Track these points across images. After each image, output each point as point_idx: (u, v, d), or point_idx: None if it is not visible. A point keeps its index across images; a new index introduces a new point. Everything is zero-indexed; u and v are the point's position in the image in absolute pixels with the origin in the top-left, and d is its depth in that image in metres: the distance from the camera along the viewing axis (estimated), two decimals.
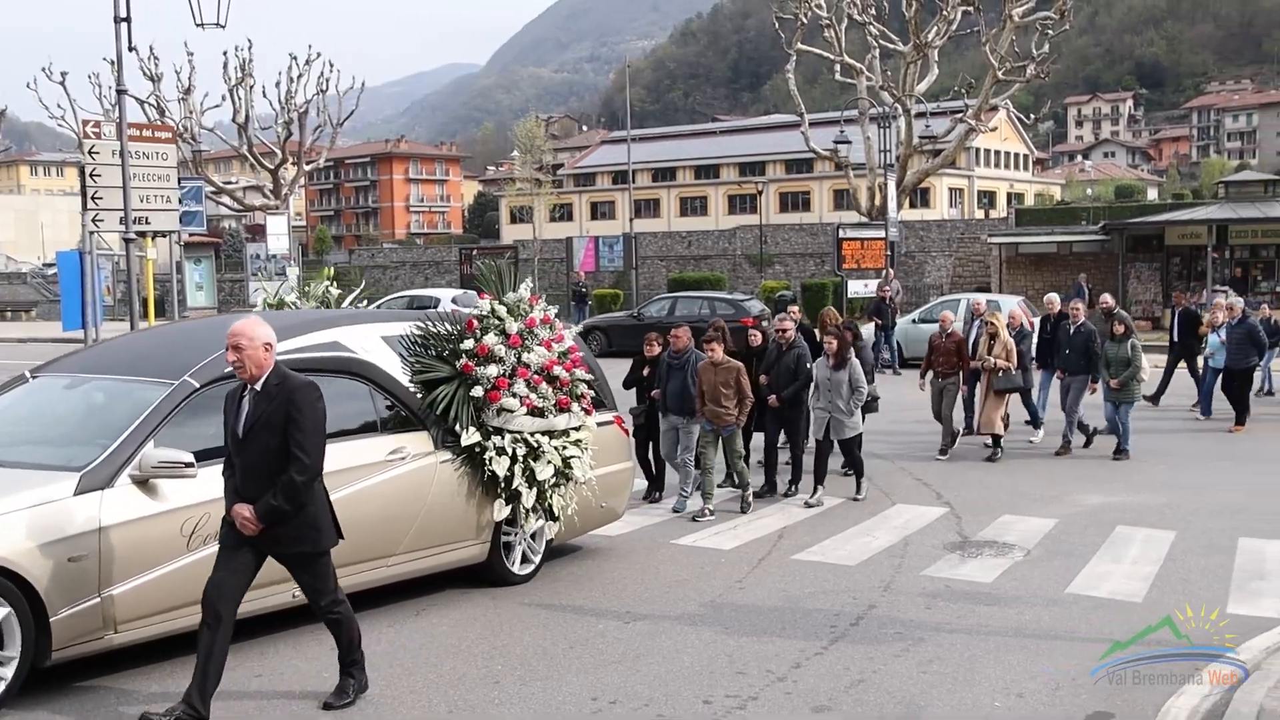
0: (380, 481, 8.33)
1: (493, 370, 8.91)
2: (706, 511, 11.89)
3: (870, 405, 13.96)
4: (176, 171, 19.96)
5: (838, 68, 37.38)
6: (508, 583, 9.35)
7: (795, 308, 17.40)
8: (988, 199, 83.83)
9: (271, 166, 47.65)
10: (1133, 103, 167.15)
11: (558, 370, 9.30)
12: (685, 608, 8.88)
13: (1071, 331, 16.15)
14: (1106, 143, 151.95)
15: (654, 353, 12.99)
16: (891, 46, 37.12)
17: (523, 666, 7.58)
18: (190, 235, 33.25)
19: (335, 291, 12.11)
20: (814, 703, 6.97)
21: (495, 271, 9.46)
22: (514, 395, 8.95)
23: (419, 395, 8.81)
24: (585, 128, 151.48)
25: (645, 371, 12.95)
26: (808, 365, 13.01)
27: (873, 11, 37.23)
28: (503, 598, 9.14)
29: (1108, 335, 15.80)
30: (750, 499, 12.44)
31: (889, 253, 31.09)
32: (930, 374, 15.89)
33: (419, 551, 8.71)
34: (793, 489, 13.18)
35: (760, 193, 62.17)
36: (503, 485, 8.93)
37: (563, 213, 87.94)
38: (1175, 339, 20.78)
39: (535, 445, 9.08)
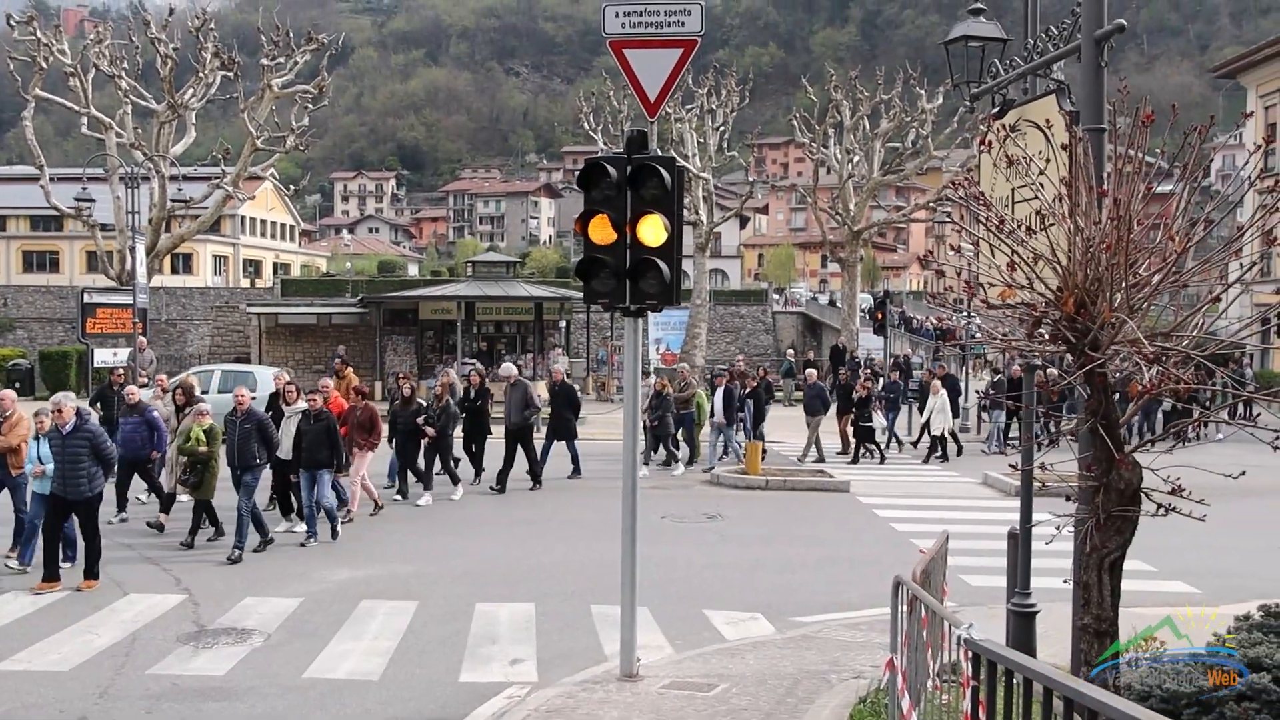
0: None
1: None
2: None
3: None
4: None
5: (85, 121, 34.75)
6: None
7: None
8: (254, 268, 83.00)
9: None
10: (395, 182, 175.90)
11: None
12: None
13: None
14: (371, 218, 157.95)
15: None
16: (145, 104, 35.24)
17: None
18: None
19: None
20: None
21: None
22: None
23: None
24: None
25: None
26: None
27: (125, 65, 35.16)
28: None
29: None
30: None
31: (137, 320, 29.23)
32: None
33: None
34: None
35: None
36: None
37: None
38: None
39: None
